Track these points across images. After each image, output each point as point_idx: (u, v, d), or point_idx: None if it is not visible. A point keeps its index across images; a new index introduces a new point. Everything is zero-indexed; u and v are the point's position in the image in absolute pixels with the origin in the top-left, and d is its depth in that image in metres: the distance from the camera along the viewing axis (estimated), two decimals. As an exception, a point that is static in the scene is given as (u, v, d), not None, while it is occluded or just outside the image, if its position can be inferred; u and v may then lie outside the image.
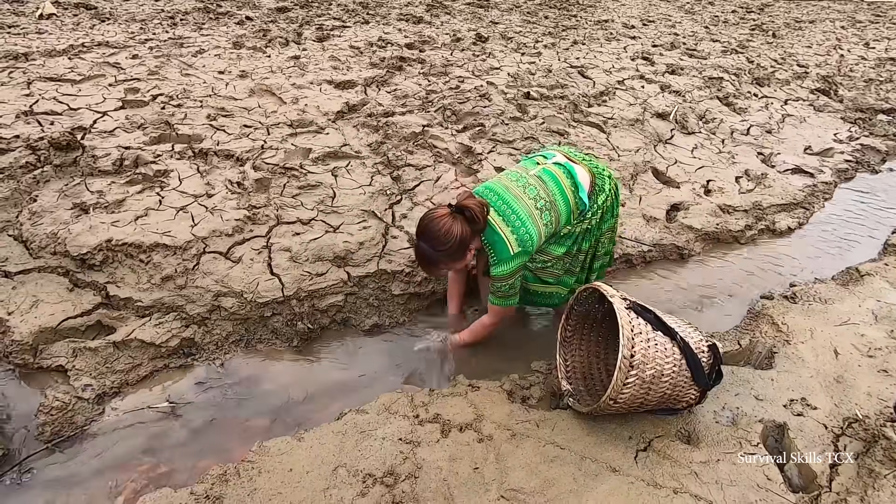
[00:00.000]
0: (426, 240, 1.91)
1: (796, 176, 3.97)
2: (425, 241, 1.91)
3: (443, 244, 1.88)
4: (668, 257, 3.02)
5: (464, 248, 1.92)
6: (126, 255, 2.34)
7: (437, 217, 1.89)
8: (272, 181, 2.90)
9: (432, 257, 1.93)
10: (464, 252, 1.94)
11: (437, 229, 1.87)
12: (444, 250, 1.89)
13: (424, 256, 1.95)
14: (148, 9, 6.46)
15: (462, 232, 1.88)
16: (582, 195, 2.07)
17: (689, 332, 1.80)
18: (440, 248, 1.89)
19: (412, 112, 3.92)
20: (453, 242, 1.87)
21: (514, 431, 1.79)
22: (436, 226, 1.88)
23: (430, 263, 1.98)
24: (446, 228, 1.86)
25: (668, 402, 1.77)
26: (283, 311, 2.30)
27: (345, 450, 1.70)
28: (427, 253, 1.92)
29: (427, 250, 1.92)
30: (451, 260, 1.95)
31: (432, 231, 1.88)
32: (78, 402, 1.89)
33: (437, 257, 1.93)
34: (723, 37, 7.32)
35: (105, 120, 3.36)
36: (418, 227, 1.94)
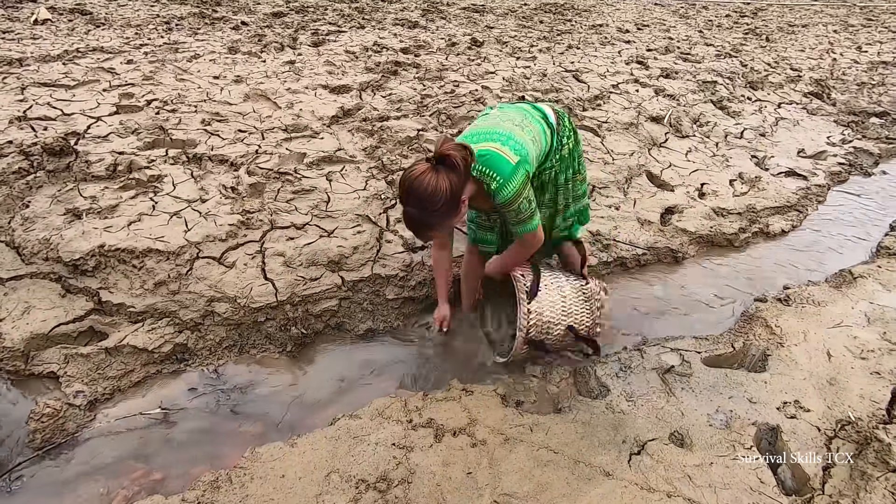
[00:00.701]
0: (413, 204, 1.70)
1: (790, 179, 3.98)
2: (413, 206, 1.71)
3: (433, 204, 1.67)
4: (662, 260, 3.02)
5: (456, 201, 1.72)
6: (119, 260, 2.34)
7: (418, 175, 1.67)
8: (266, 186, 2.90)
9: (424, 221, 1.74)
10: (457, 206, 1.74)
11: (422, 189, 1.66)
12: (436, 210, 1.69)
13: (415, 222, 1.76)
14: (143, 14, 6.47)
15: (450, 184, 1.67)
16: (550, 120, 2.02)
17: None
18: (431, 208, 1.68)
19: (407, 116, 3.93)
20: (443, 199, 1.67)
21: (507, 436, 1.78)
22: (419, 185, 1.66)
23: (423, 228, 1.79)
24: (432, 186, 1.65)
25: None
26: (277, 317, 2.30)
27: (338, 455, 1.70)
28: (417, 217, 1.73)
29: (417, 215, 1.72)
30: (444, 219, 1.76)
31: (417, 192, 1.67)
32: (69, 408, 1.88)
33: (430, 220, 1.74)
34: (717, 41, 7.37)
35: (99, 125, 3.36)
36: (401, 191, 1.73)
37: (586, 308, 2.14)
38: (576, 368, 2.17)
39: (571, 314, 2.11)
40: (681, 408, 1.93)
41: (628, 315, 2.58)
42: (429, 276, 2.54)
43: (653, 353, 2.21)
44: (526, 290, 2.06)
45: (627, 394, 2.00)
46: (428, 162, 1.70)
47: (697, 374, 2.09)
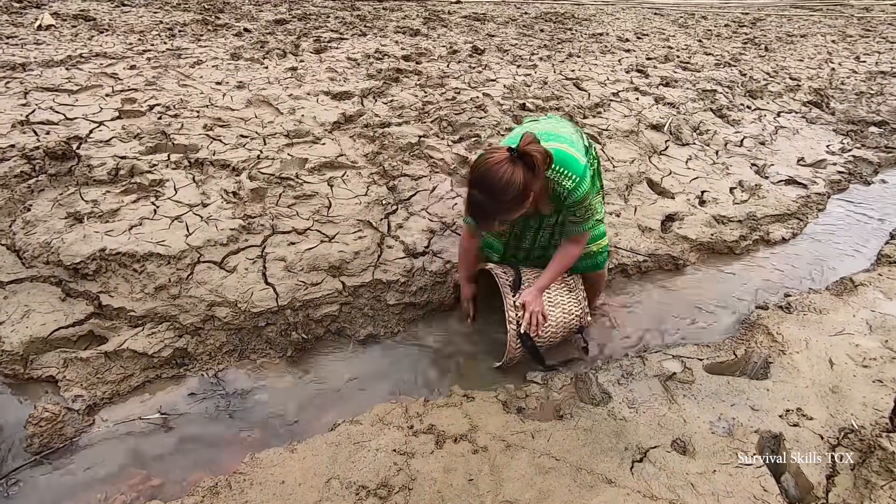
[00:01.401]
0: (484, 190, 1.67)
1: (790, 187, 3.99)
2: (483, 192, 1.67)
3: (504, 195, 1.65)
4: (663, 267, 3.02)
5: (525, 197, 1.70)
6: (120, 264, 2.33)
7: (495, 163, 1.64)
8: (268, 191, 2.90)
9: (489, 209, 1.70)
10: (524, 200, 1.72)
11: (496, 178, 1.63)
12: (505, 202, 1.67)
13: (480, 208, 1.71)
14: (147, 20, 6.51)
15: (524, 180, 1.65)
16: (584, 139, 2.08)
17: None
18: (501, 198, 1.66)
19: (408, 123, 3.94)
20: (514, 192, 1.64)
21: (508, 442, 1.77)
22: (495, 174, 1.63)
23: (486, 216, 1.75)
24: (507, 177, 1.63)
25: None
26: (278, 321, 2.29)
27: (338, 461, 1.69)
28: (483, 204, 1.69)
29: (483, 201, 1.68)
30: (509, 212, 1.74)
31: (491, 180, 1.64)
32: (68, 413, 1.87)
33: (495, 209, 1.70)
34: (716, 50, 7.41)
35: (101, 130, 3.36)
36: (474, 174, 1.69)
37: (573, 298, 2.22)
38: (577, 375, 2.17)
39: (558, 304, 2.18)
40: (683, 415, 1.92)
41: (630, 322, 2.57)
42: (430, 283, 2.54)
43: (654, 360, 2.21)
44: (509, 284, 2.12)
45: (629, 401, 1.99)
46: (509, 152, 1.67)
47: (699, 382, 2.08)
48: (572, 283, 2.28)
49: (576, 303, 2.22)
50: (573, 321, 2.21)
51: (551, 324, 2.14)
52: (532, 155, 1.66)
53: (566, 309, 2.20)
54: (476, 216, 1.78)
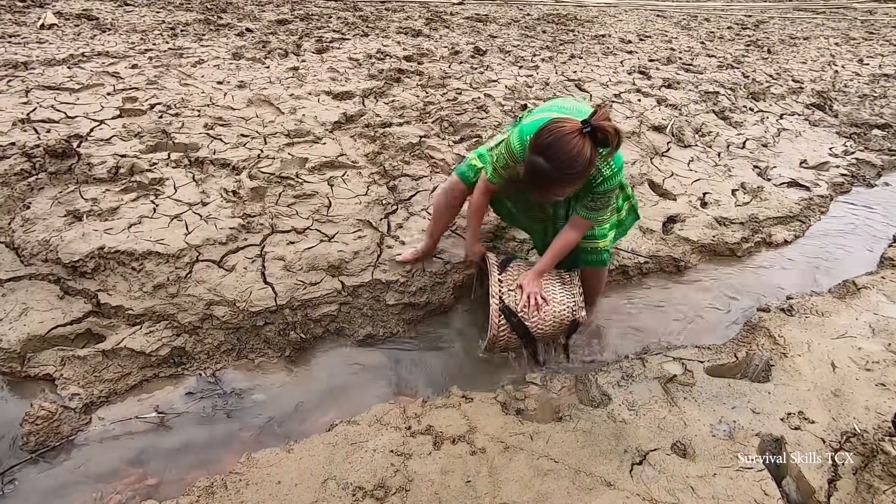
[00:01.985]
0: (550, 159, 1.62)
1: (792, 189, 3.97)
2: (548, 161, 1.62)
3: (570, 168, 1.61)
4: (664, 269, 3.00)
5: (587, 172, 1.66)
6: (118, 262, 2.33)
7: (567, 133, 1.60)
8: (268, 190, 2.89)
9: (552, 179, 1.65)
10: (586, 177, 1.69)
11: (567, 149, 1.59)
12: (569, 174, 1.63)
13: (542, 176, 1.66)
14: (149, 20, 6.52)
15: (591, 156, 1.61)
16: None
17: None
18: (566, 171, 1.62)
19: (409, 123, 3.93)
20: (581, 167, 1.61)
21: (507, 444, 1.76)
22: (566, 144, 1.59)
23: (547, 185, 1.69)
24: (578, 150, 1.59)
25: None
26: (276, 321, 2.28)
27: (335, 462, 1.67)
28: (547, 173, 1.64)
29: (547, 170, 1.63)
30: (570, 184, 1.70)
31: (560, 150, 1.60)
32: (64, 411, 1.86)
33: (560, 180, 1.66)
34: (718, 52, 7.40)
35: (102, 128, 3.36)
36: (540, 140, 1.64)
37: (566, 291, 2.21)
38: (577, 376, 2.15)
39: (549, 293, 2.17)
40: (683, 418, 1.90)
41: (630, 323, 2.56)
42: (429, 283, 2.52)
43: (655, 362, 2.19)
44: (497, 263, 2.18)
45: (629, 403, 1.98)
46: (582, 125, 1.63)
47: (700, 384, 2.06)
48: (567, 277, 2.26)
49: (569, 296, 2.20)
50: (564, 313, 2.16)
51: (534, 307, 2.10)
52: (606, 130, 1.62)
53: (557, 299, 2.17)
54: (535, 184, 1.72)
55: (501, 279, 2.16)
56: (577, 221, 2.02)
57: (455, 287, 2.57)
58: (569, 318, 2.20)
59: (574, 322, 2.21)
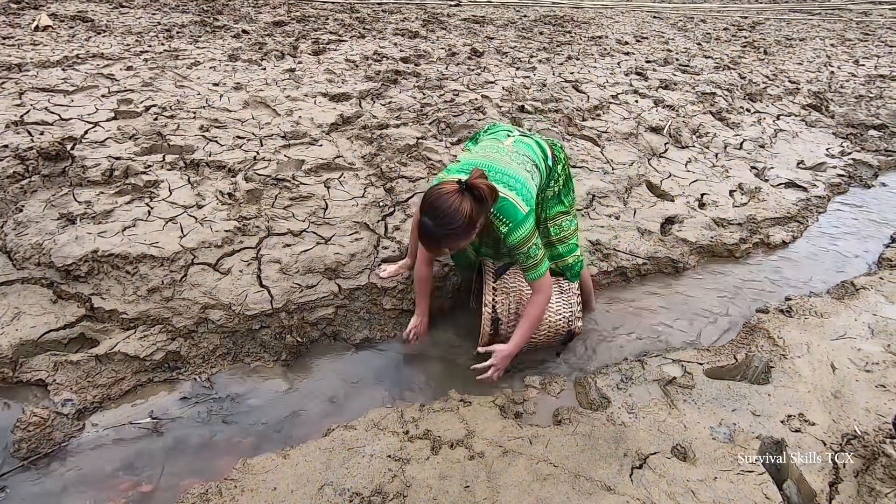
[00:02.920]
0: (433, 217, 1.78)
1: (790, 190, 3.97)
2: (431, 219, 1.79)
3: (451, 223, 1.76)
4: (662, 270, 2.99)
5: (472, 226, 1.81)
6: (112, 266, 2.30)
7: (445, 194, 1.77)
8: (264, 192, 2.87)
9: (437, 235, 1.81)
10: (471, 231, 1.83)
11: (445, 207, 1.75)
12: (452, 230, 1.78)
13: (429, 235, 1.82)
14: (145, 21, 6.49)
15: (471, 210, 1.77)
16: (549, 162, 2.16)
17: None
18: (448, 227, 1.77)
19: (406, 124, 3.92)
20: (462, 221, 1.76)
21: (506, 448, 1.74)
22: (444, 203, 1.76)
23: (434, 242, 1.86)
24: (455, 206, 1.75)
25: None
26: (272, 324, 2.26)
27: (331, 467, 1.65)
28: (432, 231, 1.80)
29: (433, 228, 1.80)
30: (458, 239, 1.84)
31: (440, 209, 1.76)
32: (57, 417, 1.83)
33: (443, 236, 1.81)
34: (715, 53, 7.41)
35: (96, 130, 3.34)
36: (424, 203, 1.82)
37: (562, 300, 2.19)
38: (576, 379, 2.14)
39: None
40: (683, 420, 1.89)
41: (628, 325, 2.54)
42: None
43: (654, 365, 2.18)
44: (493, 272, 2.17)
45: (629, 406, 1.96)
46: (458, 184, 1.79)
47: (699, 386, 2.05)
48: (565, 285, 2.25)
49: (566, 305, 2.19)
50: (560, 322, 2.17)
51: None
52: (479, 188, 1.77)
53: (553, 309, 2.17)
54: (426, 242, 1.89)
55: (496, 287, 2.15)
56: (534, 286, 2.03)
57: (454, 290, 2.55)
58: (564, 329, 2.18)
59: (570, 332, 2.20)
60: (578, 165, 3.71)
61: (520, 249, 1.94)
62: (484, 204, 1.80)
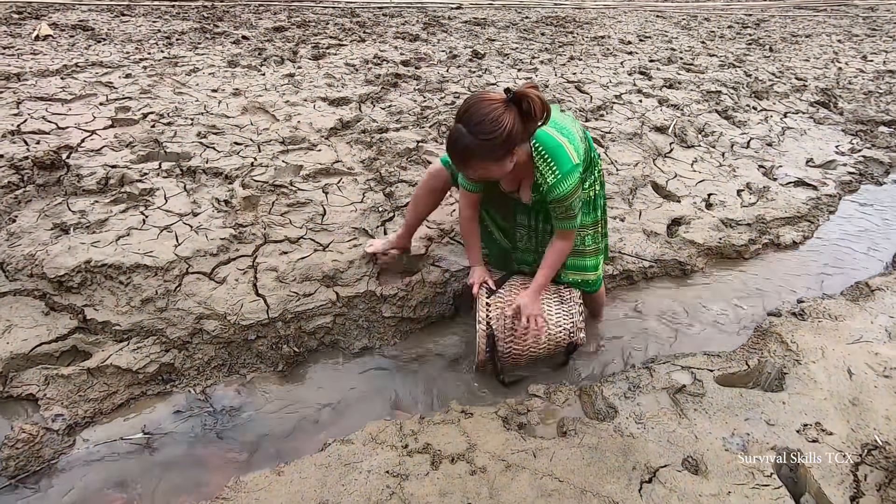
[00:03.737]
0: (467, 122, 1.58)
1: (799, 189, 3.88)
2: (466, 125, 1.58)
3: (488, 132, 1.55)
4: (669, 273, 2.92)
5: (509, 146, 1.60)
6: (105, 276, 2.25)
7: (487, 99, 1.57)
8: (261, 199, 2.82)
9: (470, 146, 1.60)
10: (507, 152, 1.62)
11: (485, 112, 1.55)
12: (488, 140, 1.57)
13: (461, 143, 1.61)
14: (145, 29, 6.49)
15: (513, 125, 1.56)
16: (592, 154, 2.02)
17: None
18: (483, 135, 1.56)
19: (407, 128, 3.86)
20: (500, 133, 1.55)
21: (509, 462, 1.67)
22: (485, 108, 1.55)
23: (465, 155, 1.64)
24: (497, 114, 1.55)
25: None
26: (268, 334, 2.20)
27: (327, 485, 1.59)
28: (465, 140, 1.59)
29: (466, 136, 1.58)
30: (489, 157, 1.62)
31: (478, 113, 1.55)
32: (46, 433, 1.78)
33: (476, 148, 1.59)
34: (720, 51, 7.32)
35: (93, 138, 3.30)
36: (462, 108, 1.60)
37: (563, 310, 2.10)
38: (582, 388, 2.06)
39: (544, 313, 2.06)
40: (694, 431, 1.81)
41: (635, 331, 2.47)
42: (430, 294, 2.44)
43: (662, 372, 2.10)
44: (486, 287, 2.08)
45: (636, 415, 1.89)
46: (506, 94, 1.58)
47: (710, 394, 1.97)
48: (566, 294, 2.14)
49: (566, 315, 2.08)
50: (561, 335, 2.07)
51: (532, 332, 2.01)
52: (530, 98, 1.55)
53: (553, 320, 2.07)
54: (454, 154, 1.67)
55: (490, 302, 2.05)
56: (559, 233, 1.95)
57: (455, 296, 2.48)
58: (565, 341, 2.09)
59: (571, 344, 2.10)
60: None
61: (564, 202, 1.78)
62: (531, 123, 1.60)
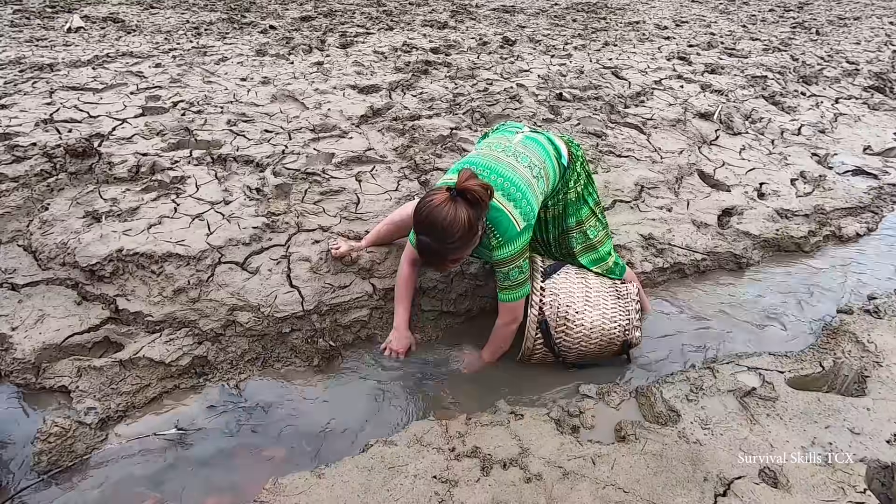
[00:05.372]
0: (429, 234, 1.65)
1: (858, 178, 3.63)
2: (429, 236, 1.66)
3: (451, 236, 1.63)
4: (723, 266, 2.73)
5: (473, 233, 1.68)
6: (137, 265, 2.18)
7: (437, 205, 1.63)
8: (293, 187, 2.73)
9: (441, 252, 1.68)
10: (473, 237, 1.70)
11: (440, 219, 1.61)
12: (453, 243, 1.65)
13: (432, 252, 1.70)
14: (174, 21, 6.48)
15: (468, 216, 1.63)
16: (563, 161, 2.00)
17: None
18: (449, 240, 1.64)
19: (439, 115, 3.73)
20: (461, 230, 1.62)
21: (566, 469, 1.53)
22: (438, 215, 1.62)
23: (440, 258, 1.73)
24: (451, 217, 1.61)
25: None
26: (303, 327, 2.10)
27: (371, 489, 1.48)
28: (433, 248, 1.67)
29: (433, 245, 1.67)
30: (460, 250, 1.71)
31: (435, 222, 1.62)
32: (79, 427, 1.71)
33: (447, 250, 1.68)
34: (762, 35, 6.98)
35: (124, 127, 3.26)
36: (417, 220, 1.68)
37: (619, 306, 1.98)
38: (638, 389, 1.91)
39: (599, 307, 1.95)
40: (768, 439, 1.65)
41: (691, 328, 2.30)
42: (470, 287, 2.32)
43: (727, 373, 1.93)
44: (542, 269, 1.99)
45: (702, 420, 1.73)
46: (448, 192, 1.65)
47: (784, 399, 1.80)
48: (623, 290, 2.04)
49: (622, 312, 1.97)
50: (615, 331, 1.94)
51: (585, 325, 1.91)
52: (472, 190, 1.62)
53: (608, 315, 1.95)
54: (430, 261, 1.78)
55: (544, 286, 1.94)
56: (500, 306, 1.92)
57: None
58: (619, 339, 1.95)
59: (626, 343, 1.97)
60: (624, 155, 3.45)
61: (501, 268, 1.81)
62: (480, 205, 1.66)
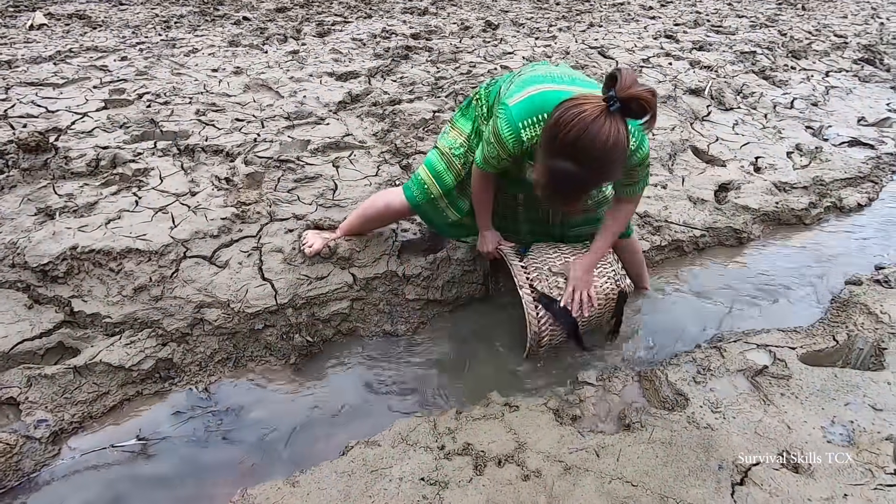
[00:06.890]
0: (580, 159, 1.24)
1: (855, 148, 3.52)
2: (579, 163, 1.25)
3: (609, 161, 1.25)
4: (723, 242, 2.60)
5: (625, 160, 1.32)
6: (94, 263, 2.00)
7: (592, 120, 1.21)
8: (265, 175, 2.56)
9: (586, 181, 1.31)
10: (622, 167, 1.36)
11: (601, 140, 1.21)
12: (610, 171, 1.31)
13: (572, 183, 1.30)
14: (143, 15, 6.24)
15: (627, 136, 1.26)
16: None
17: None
18: (606, 167, 1.28)
19: (421, 99, 3.57)
20: (621, 154, 1.25)
21: (567, 464, 1.39)
22: (597, 135, 1.21)
23: (578, 193, 1.35)
24: (613, 136, 1.21)
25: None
26: (278, 323, 1.94)
27: (351, 496, 1.32)
28: (578, 178, 1.28)
29: (579, 174, 1.27)
30: (611, 178, 1.41)
31: (593, 144, 1.21)
32: (27, 442, 1.54)
33: (597, 180, 1.34)
34: (748, 12, 6.88)
35: (84, 121, 3.06)
36: (563, 143, 1.25)
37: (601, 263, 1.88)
38: (641, 373, 1.77)
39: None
40: (784, 419, 1.52)
41: (693, 307, 2.16)
42: (458, 272, 2.16)
43: (735, 351, 1.80)
44: (514, 251, 1.89)
45: (712, 403, 1.59)
46: (606, 102, 1.23)
47: (798, 376, 1.66)
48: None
49: (604, 265, 1.87)
50: (608, 285, 1.84)
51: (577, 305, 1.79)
52: (643, 99, 1.21)
53: (596, 271, 1.84)
54: (562, 194, 1.36)
55: (525, 265, 1.80)
56: (622, 202, 1.72)
57: (486, 275, 2.20)
58: (614, 291, 1.84)
59: (621, 293, 1.85)
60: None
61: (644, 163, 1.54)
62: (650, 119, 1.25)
